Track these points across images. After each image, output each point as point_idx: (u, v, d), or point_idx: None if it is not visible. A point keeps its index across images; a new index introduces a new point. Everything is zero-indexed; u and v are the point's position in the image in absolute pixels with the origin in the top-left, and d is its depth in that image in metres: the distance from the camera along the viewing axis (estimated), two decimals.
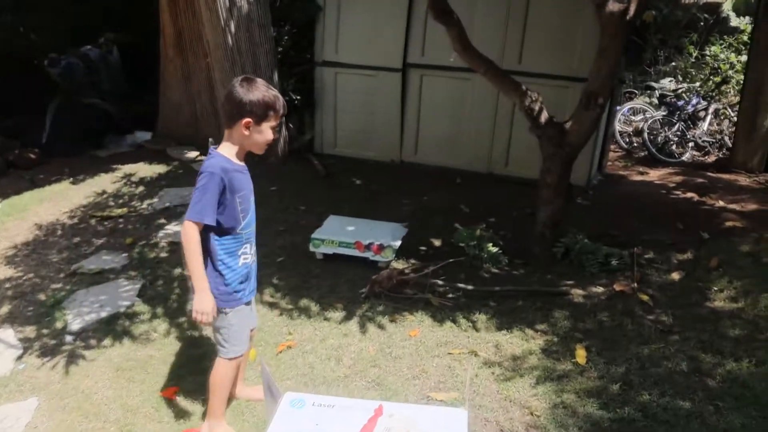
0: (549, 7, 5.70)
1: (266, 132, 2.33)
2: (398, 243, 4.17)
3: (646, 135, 7.37)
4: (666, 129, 7.45)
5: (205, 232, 2.29)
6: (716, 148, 7.71)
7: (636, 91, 9.09)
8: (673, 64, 10.18)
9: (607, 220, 5.06)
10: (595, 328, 3.36)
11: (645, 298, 3.67)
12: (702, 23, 10.19)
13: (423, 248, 4.47)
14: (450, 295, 3.71)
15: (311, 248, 4.23)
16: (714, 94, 8.22)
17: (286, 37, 6.77)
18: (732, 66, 8.58)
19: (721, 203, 5.48)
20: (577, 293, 3.76)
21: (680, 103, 7.80)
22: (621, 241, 4.54)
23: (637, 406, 2.69)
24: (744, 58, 8.15)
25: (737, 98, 7.76)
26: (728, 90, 8.39)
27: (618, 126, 7.78)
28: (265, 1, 6.13)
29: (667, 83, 8.95)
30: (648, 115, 7.70)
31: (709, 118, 7.77)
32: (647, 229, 4.83)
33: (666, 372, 2.94)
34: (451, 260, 4.04)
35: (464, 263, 4.17)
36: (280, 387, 2.07)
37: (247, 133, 2.30)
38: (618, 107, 7.79)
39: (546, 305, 3.60)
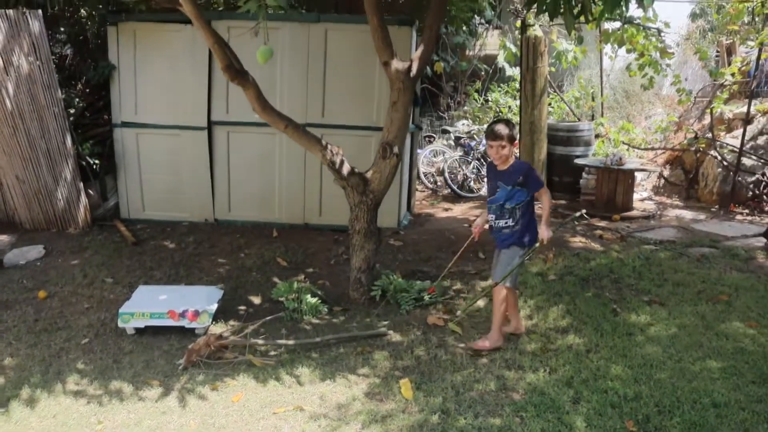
0: (345, 64, 6.05)
1: None
2: (214, 307, 4.04)
3: (446, 174, 8.04)
4: (464, 167, 8.21)
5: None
6: None
7: (434, 135, 9.90)
8: (465, 108, 11.30)
9: (418, 257, 5.40)
10: (412, 363, 3.53)
11: (456, 328, 3.95)
12: (483, 73, 11.49)
13: (242, 308, 4.38)
14: (272, 353, 3.67)
15: (120, 324, 3.93)
16: None
17: (77, 99, 6.34)
18: (510, 109, 9.74)
19: None
20: (395, 332, 3.93)
21: (473, 143, 8.65)
22: (432, 276, 4.86)
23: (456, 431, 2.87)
24: (518, 102, 9.30)
25: (518, 137, 8.80)
26: None
27: (422, 168, 8.39)
28: (49, 60, 5.71)
29: (462, 126, 9.90)
30: (447, 156, 8.41)
31: None
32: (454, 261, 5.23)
33: (478, 394, 3.18)
34: (269, 317, 4.00)
35: (285, 318, 4.16)
36: None
37: None
38: (420, 150, 8.42)
39: (367, 348, 3.71)
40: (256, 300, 4.57)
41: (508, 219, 3.64)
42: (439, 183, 8.42)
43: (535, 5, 4.22)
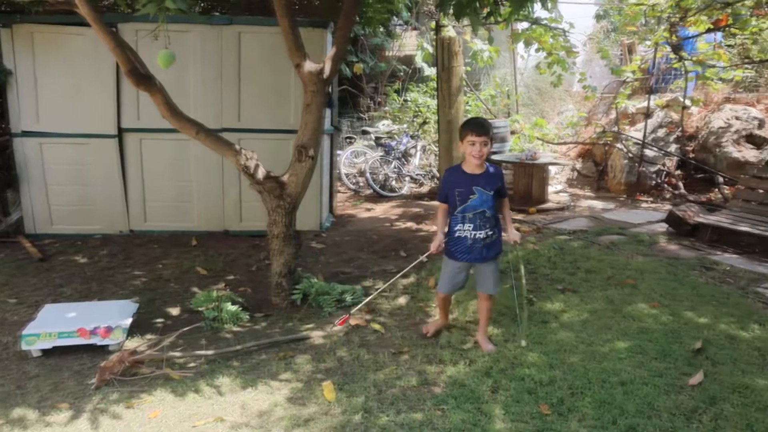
0: (260, 67, 5.97)
1: None
2: (128, 321, 3.88)
3: (368, 175, 8.09)
4: (385, 167, 8.28)
5: None
6: (428, 179, 8.79)
7: (355, 136, 9.94)
8: (386, 109, 11.41)
9: (340, 258, 5.40)
10: (335, 365, 3.53)
11: (378, 327, 3.98)
12: (402, 73, 11.63)
13: (159, 321, 4.23)
14: (191, 365, 3.56)
15: (24, 347, 3.70)
16: (419, 133, 9.40)
17: None
18: (429, 108, 9.92)
19: (433, 228, 6.25)
20: (317, 335, 3.92)
21: (393, 143, 8.75)
22: (354, 277, 4.88)
23: (379, 429, 2.89)
24: (436, 101, 9.48)
25: (437, 135, 8.97)
26: (429, 129, 9.66)
27: (343, 169, 8.41)
28: None
29: (383, 126, 9.99)
30: (368, 157, 8.47)
31: (418, 154, 8.86)
32: (376, 261, 5.28)
33: (400, 391, 3.21)
34: (186, 328, 3.88)
35: (204, 328, 4.06)
36: None
37: None
38: (340, 152, 8.43)
39: (289, 353, 3.67)
40: (175, 311, 4.43)
41: (488, 229, 3.40)
42: (361, 184, 8.45)
43: (443, 7, 4.32)
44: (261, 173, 4.16)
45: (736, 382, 3.20)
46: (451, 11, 4.08)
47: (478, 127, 3.32)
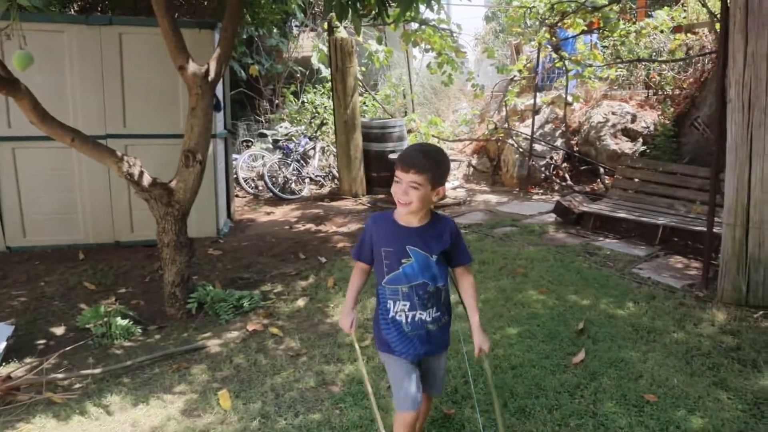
0: (146, 69, 5.72)
1: None
2: (2, 345, 3.60)
3: (267, 178, 7.97)
4: (284, 170, 8.19)
5: None
6: (329, 180, 8.80)
7: (252, 140, 9.76)
8: (284, 111, 11.28)
9: (238, 264, 5.29)
10: (232, 373, 3.45)
11: (275, 331, 3.93)
12: (299, 75, 11.55)
13: (41, 342, 3.96)
14: (77, 386, 3.36)
15: None
16: (317, 134, 9.38)
17: None
18: (326, 109, 9.92)
19: (333, 228, 6.27)
20: (214, 344, 3.81)
21: (292, 145, 8.67)
22: (252, 282, 4.80)
23: None
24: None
25: (335, 136, 9.00)
26: (327, 130, 9.67)
27: (241, 173, 8.23)
28: None
29: (282, 129, 9.87)
30: (266, 160, 8.34)
31: (317, 155, 8.84)
32: (275, 264, 5.21)
33: (298, 393, 3.20)
34: (69, 348, 3.66)
35: (92, 345, 3.84)
36: None
37: None
38: (237, 156, 8.26)
39: (184, 365, 3.55)
40: (59, 331, 4.15)
41: (434, 309, 2.27)
42: (260, 187, 8.32)
43: (327, 8, 4.33)
44: (146, 180, 3.99)
45: (613, 357, 3.45)
46: (333, 12, 4.11)
47: (404, 159, 2.14)
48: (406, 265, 2.20)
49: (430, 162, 2.11)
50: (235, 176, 7.80)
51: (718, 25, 5.58)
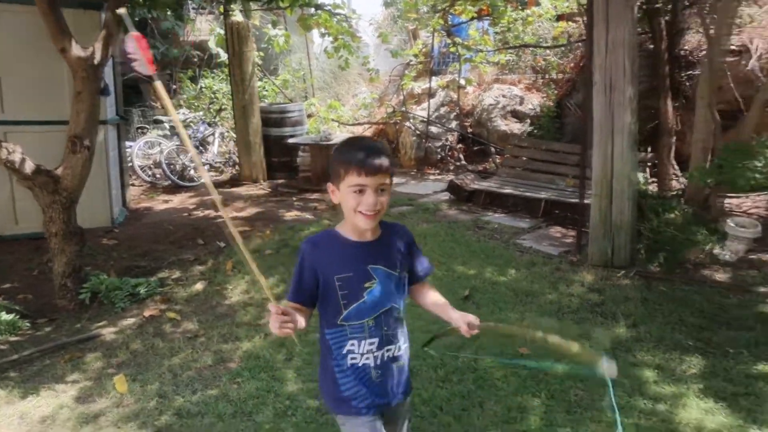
0: (26, 51, 5.41)
1: None
2: None
3: (164, 165, 7.79)
4: (182, 157, 8.03)
5: None
6: (229, 166, 8.71)
7: (148, 126, 9.46)
8: (183, 96, 10.96)
9: (134, 252, 5.20)
10: (128, 358, 3.46)
11: (173, 315, 3.95)
12: (197, 59, 11.26)
13: None
14: None
15: None
16: (216, 120, 9.24)
17: None
18: (225, 95, 9.77)
19: (233, 213, 6.28)
20: (109, 332, 3.78)
21: (190, 131, 8.49)
22: (149, 269, 4.75)
23: (174, 411, 2.92)
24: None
25: (234, 122, 8.91)
26: (227, 115, 9.54)
27: (136, 161, 7.99)
28: None
29: (180, 115, 9.61)
30: (163, 147, 8.13)
31: (217, 141, 8.72)
32: (173, 251, 5.18)
33: (196, 372, 3.27)
34: None
35: None
36: None
37: None
38: (131, 143, 8.00)
39: (77, 354, 3.51)
40: None
41: (399, 340, 1.80)
42: (157, 175, 8.11)
43: None
44: (29, 167, 3.86)
45: (495, 319, 3.76)
46: None
47: (370, 159, 1.65)
48: (371, 290, 1.73)
49: (389, 155, 1.72)
50: (130, 164, 7.57)
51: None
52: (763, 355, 3.31)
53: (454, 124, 8.97)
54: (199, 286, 4.41)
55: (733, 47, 6.91)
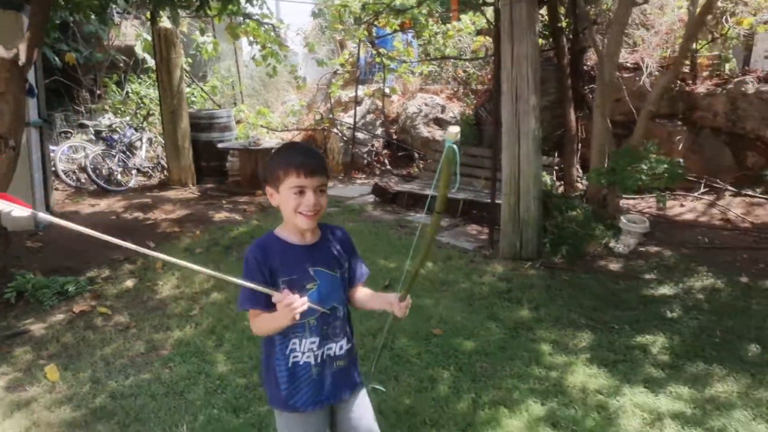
0: None
1: None
2: None
3: (90, 170, 7.73)
4: (108, 161, 7.99)
5: None
6: (158, 171, 8.72)
7: (72, 131, 9.32)
8: (109, 101, 10.80)
9: (62, 254, 5.22)
10: (59, 350, 3.56)
11: (104, 310, 4.07)
12: (123, 64, 11.13)
13: None
14: None
15: None
16: (144, 125, 9.21)
17: None
18: (152, 100, 9.75)
19: (162, 216, 6.37)
20: (39, 327, 3.86)
21: (116, 136, 8.44)
22: (78, 269, 4.81)
23: (108, 394, 3.08)
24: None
25: (162, 126, 8.92)
26: (155, 120, 9.52)
27: (60, 165, 7.88)
28: None
29: (105, 120, 9.49)
30: (89, 151, 8.05)
31: (144, 146, 8.71)
32: (101, 251, 5.23)
33: (129, 359, 3.42)
34: None
35: None
36: None
37: None
38: (55, 148, 7.89)
39: (5, 349, 3.58)
40: None
41: (343, 338, 1.91)
42: (83, 180, 8.03)
43: None
44: None
45: (412, 305, 4.09)
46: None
47: (308, 161, 1.77)
48: (312, 292, 1.80)
49: (324, 158, 1.83)
50: (53, 168, 7.47)
51: None
52: (643, 330, 3.80)
53: (379, 131, 9.35)
54: (129, 283, 4.52)
55: (629, 65, 7.66)
